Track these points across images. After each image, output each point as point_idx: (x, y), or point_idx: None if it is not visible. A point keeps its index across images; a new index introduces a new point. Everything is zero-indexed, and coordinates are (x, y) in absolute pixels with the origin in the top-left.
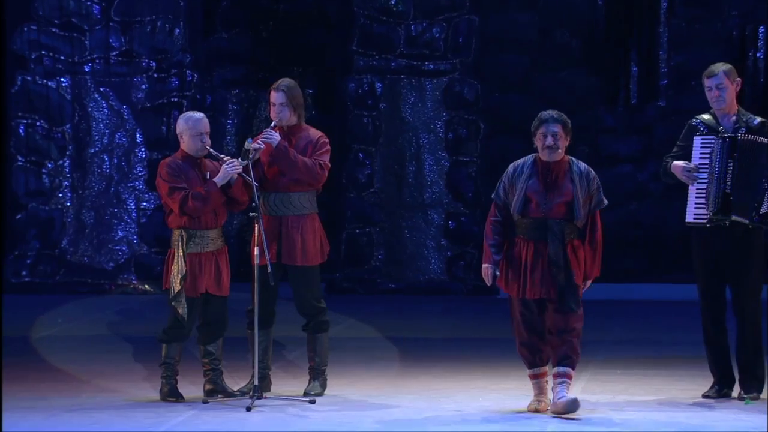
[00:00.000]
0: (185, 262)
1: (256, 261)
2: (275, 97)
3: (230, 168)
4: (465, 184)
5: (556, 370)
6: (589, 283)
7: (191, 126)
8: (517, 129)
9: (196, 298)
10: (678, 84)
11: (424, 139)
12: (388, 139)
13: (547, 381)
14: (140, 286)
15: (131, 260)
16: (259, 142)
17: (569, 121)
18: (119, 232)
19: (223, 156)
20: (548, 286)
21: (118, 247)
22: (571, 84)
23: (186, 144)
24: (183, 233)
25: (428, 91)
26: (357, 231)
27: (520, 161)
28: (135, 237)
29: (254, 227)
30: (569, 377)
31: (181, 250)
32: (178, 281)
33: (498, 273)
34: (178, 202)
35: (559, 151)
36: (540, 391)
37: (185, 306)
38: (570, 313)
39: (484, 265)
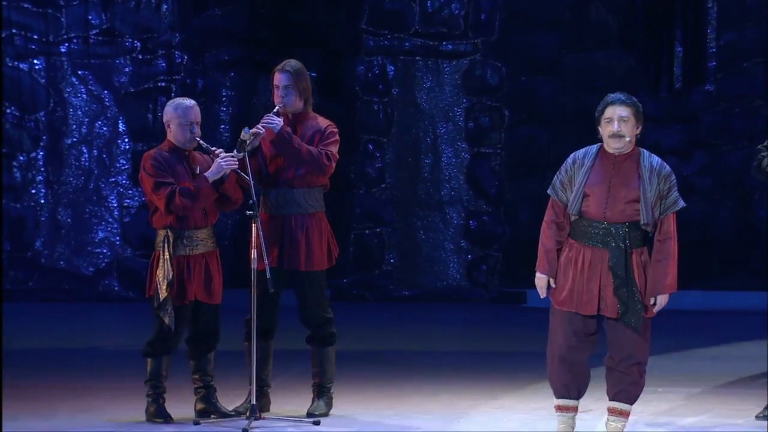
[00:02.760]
0: (172, 265)
1: (254, 265)
2: (279, 78)
3: (224, 162)
4: (487, 178)
5: (611, 404)
6: (662, 300)
7: (180, 114)
8: (546, 117)
9: (185, 306)
10: (728, 66)
11: (442, 128)
12: (402, 128)
13: (575, 418)
14: (123, 294)
15: (113, 264)
16: (259, 127)
17: (641, 105)
18: (100, 232)
19: (214, 149)
20: (607, 302)
21: (98, 250)
22: (607, 66)
23: (173, 134)
24: (169, 233)
25: (446, 75)
26: (366, 231)
27: (581, 151)
28: (117, 238)
29: (251, 228)
30: (626, 415)
31: (167, 253)
32: (164, 287)
33: (554, 284)
34: (164, 199)
35: (628, 140)
36: (565, 429)
37: (172, 315)
38: (632, 336)
39: (539, 275)
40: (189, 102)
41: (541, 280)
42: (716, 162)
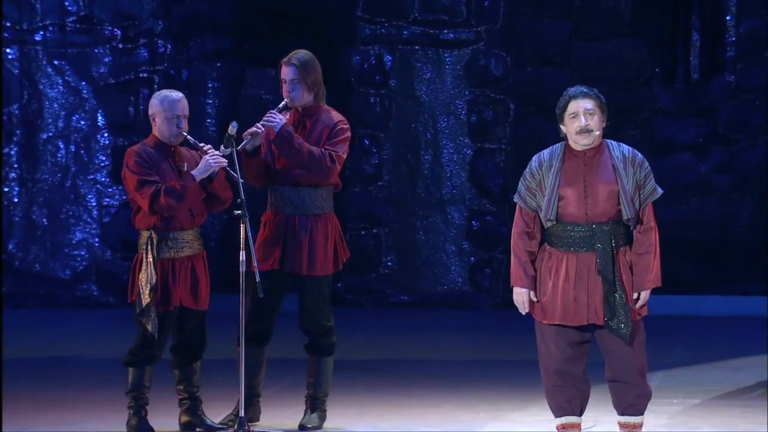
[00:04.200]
0: (155, 269)
1: (242, 268)
2: (286, 72)
3: (212, 160)
4: (491, 176)
5: (622, 419)
6: (644, 295)
7: (166, 107)
8: (554, 110)
9: (169, 312)
10: (748, 55)
11: (443, 122)
12: (400, 122)
13: None
14: (103, 299)
15: (92, 268)
16: (259, 125)
17: (603, 97)
18: (77, 233)
19: (202, 145)
20: (596, 309)
21: (76, 252)
22: (618, 56)
23: (159, 128)
24: (153, 235)
25: (447, 65)
26: (362, 232)
27: (545, 151)
28: (96, 240)
29: (240, 228)
30: (639, 428)
31: (150, 255)
32: (147, 293)
33: (536, 297)
34: (148, 198)
35: (597, 134)
36: None
37: (155, 322)
38: (625, 342)
39: (518, 289)
40: (176, 94)
41: (521, 295)
42: (735, 158)
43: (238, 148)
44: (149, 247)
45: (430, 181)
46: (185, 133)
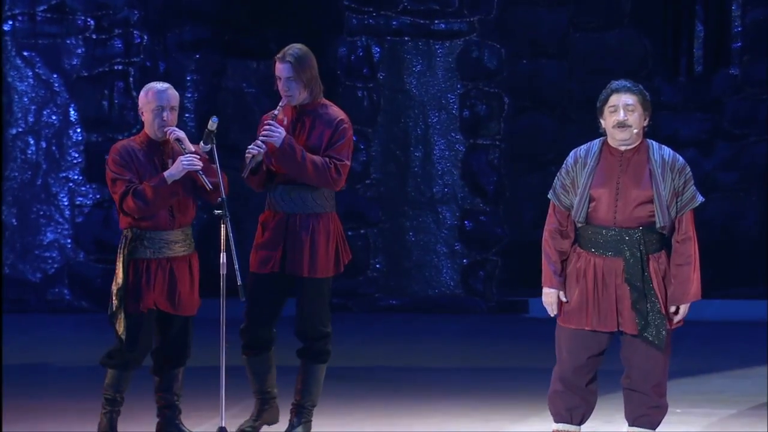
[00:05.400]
0: (126, 269)
1: (223, 271)
2: (280, 69)
3: (186, 162)
4: (485, 174)
5: (631, 430)
6: (683, 309)
7: (150, 99)
8: (551, 104)
9: (143, 315)
10: (755, 47)
11: (434, 117)
12: (389, 117)
13: None
14: (75, 303)
15: (64, 270)
16: (258, 143)
17: (648, 94)
18: (49, 234)
19: (185, 146)
20: (625, 316)
21: (47, 254)
22: (619, 48)
23: (147, 123)
24: (128, 234)
25: (439, 57)
26: (349, 233)
27: (583, 147)
28: (69, 241)
29: (221, 228)
30: None
31: (122, 255)
32: (115, 293)
33: (566, 298)
34: (117, 198)
35: (635, 131)
36: None
37: (125, 324)
38: (652, 352)
39: (547, 290)
40: (161, 85)
41: (550, 296)
42: (741, 155)
43: (243, 174)
44: (122, 247)
45: (420, 179)
46: (174, 130)
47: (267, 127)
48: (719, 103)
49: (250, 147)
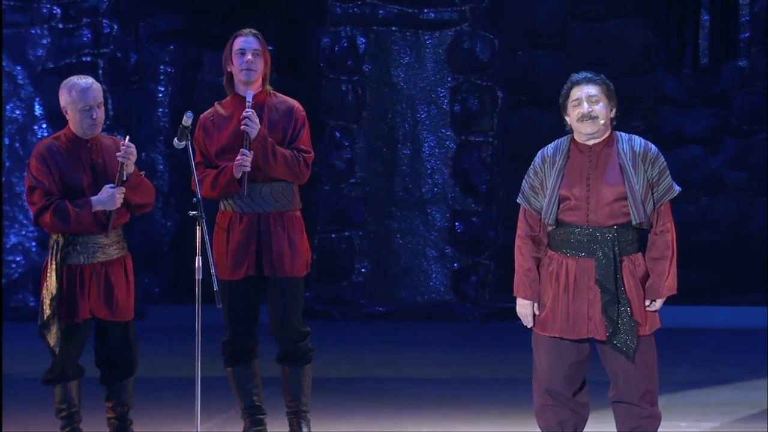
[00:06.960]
0: (59, 277)
1: (199, 276)
2: (245, 42)
3: (118, 194)
4: (477, 172)
5: None
6: (657, 304)
7: (75, 98)
8: (547, 99)
9: (77, 324)
10: (763, 38)
11: (423, 112)
12: (375, 112)
13: None
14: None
15: (28, 275)
16: (245, 151)
17: (611, 83)
18: (12, 236)
19: (125, 146)
20: (595, 322)
21: (10, 258)
22: (620, 39)
23: (72, 121)
24: (59, 238)
25: (428, 49)
26: (333, 235)
27: (551, 146)
28: (33, 243)
29: (197, 231)
30: None
31: (54, 262)
32: (48, 302)
33: (538, 309)
34: (34, 209)
35: (602, 122)
36: None
37: (58, 336)
38: (632, 359)
39: (521, 301)
40: (84, 82)
41: (525, 307)
42: (750, 152)
43: (243, 193)
44: (53, 253)
45: (408, 178)
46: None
47: (245, 118)
48: (726, 98)
49: (237, 160)
